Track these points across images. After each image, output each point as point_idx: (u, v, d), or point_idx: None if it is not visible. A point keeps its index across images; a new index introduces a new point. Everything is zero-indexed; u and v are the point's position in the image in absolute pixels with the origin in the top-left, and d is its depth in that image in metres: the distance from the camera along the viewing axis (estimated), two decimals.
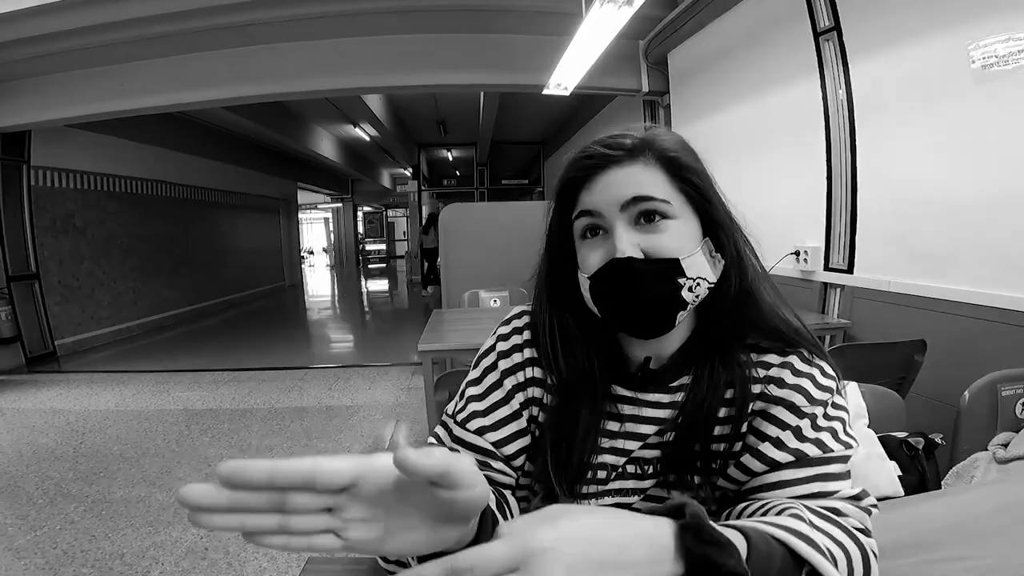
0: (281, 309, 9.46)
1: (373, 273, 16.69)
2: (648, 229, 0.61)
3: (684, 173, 0.63)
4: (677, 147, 0.64)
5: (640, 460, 0.68)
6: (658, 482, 0.68)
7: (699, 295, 0.62)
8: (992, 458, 1.19)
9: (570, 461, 0.66)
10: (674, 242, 0.60)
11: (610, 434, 0.68)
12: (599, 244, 0.63)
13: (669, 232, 0.61)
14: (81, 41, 3.65)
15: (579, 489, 0.67)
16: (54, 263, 5.52)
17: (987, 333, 1.89)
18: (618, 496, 0.68)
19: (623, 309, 0.62)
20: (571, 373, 0.68)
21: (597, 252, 0.62)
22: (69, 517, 2.35)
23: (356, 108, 7.24)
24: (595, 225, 0.63)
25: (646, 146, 0.63)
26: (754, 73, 3.10)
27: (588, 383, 0.68)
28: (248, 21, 3.68)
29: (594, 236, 0.64)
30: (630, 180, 0.61)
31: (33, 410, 3.84)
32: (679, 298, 0.61)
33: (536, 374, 0.71)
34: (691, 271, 0.61)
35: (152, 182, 7.05)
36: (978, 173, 1.90)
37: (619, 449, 0.68)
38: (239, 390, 4.18)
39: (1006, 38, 1.73)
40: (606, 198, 0.61)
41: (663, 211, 0.61)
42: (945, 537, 0.68)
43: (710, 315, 0.67)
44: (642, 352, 0.68)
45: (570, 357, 0.68)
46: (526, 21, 3.94)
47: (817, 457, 0.59)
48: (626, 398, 0.69)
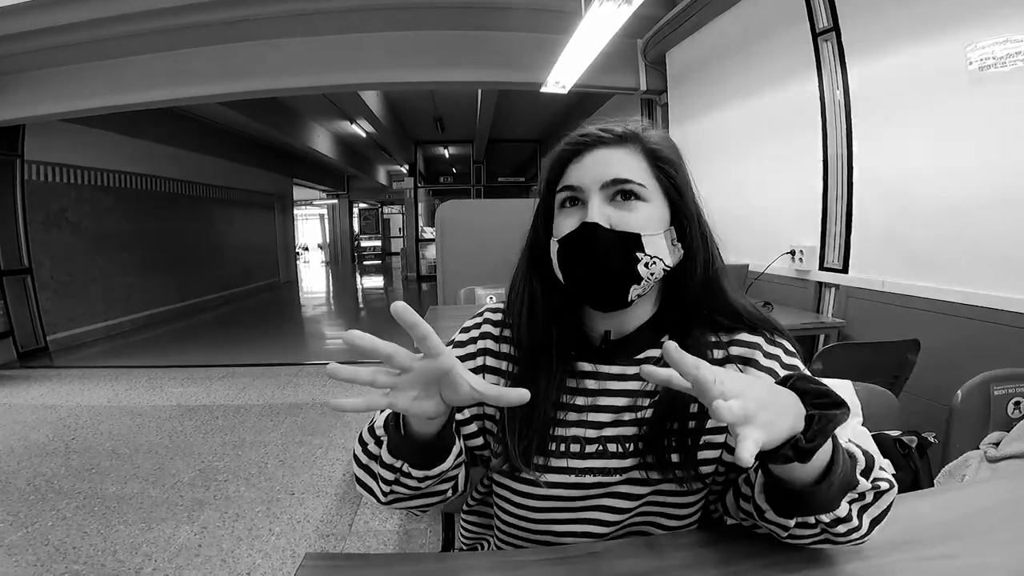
0: (276, 305, 9.43)
1: (369, 270, 16.66)
2: (620, 206, 0.67)
3: (663, 164, 0.69)
4: (662, 142, 0.71)
5: (620, 439, 0.70)
6: (638, 463, 0.70)
7: (654, 273, 0.67)
8: (983, 457, 1.19)
9: (526, 431, 0.70)
10: (639, 221, 0.66)
11: (578, 408, 0.72)
12: (574, 213, 0.69)
13: (638, 212, 0.67)
14: (76, 36, 3.63)
15: (546, 462, 0.71)
16: (47, 258, 5.48)
17: (980, 333, 1.90)
18: (600, 475, 0.70)
19: (583, 274, 0.67)
20: (532, 341, 0.73)
21: (571, 219, 0.68)
22: (61, 513, 2.33)
23: (353, 104, 7.21)
24: (574, 198, 0.69)
25: (635, 136, 0.70)
26: (752, 72, 3.11)
27: (545, 353, 0.72)
28: (244, 16, 3.66)
29: (572, 207, 0.70)
30: (614, 161, 0.68)
31: (24, 406, 3.82)
32: (635, 272, 0.66)
33: (488, 362, 0.76)
34: (649, 248, 0.66)
35: (146, 177, 7.01)
36: (973, 174, 1.91)
37: (589, 422, 0.71)
38: (233, 386, 4.17)
39: (1004, 40, 1.74)
40: (590, 175, 0.68)
41: (637, 193, 0.67)
42: (938, 535, 0.68)
43: (674, 298, 0.73)
44: (604, 327, 0.73)
45: (533, 323, 0.74)
46: (525, 19, 3.93)
47: None
48: (588, 372, 0.73)
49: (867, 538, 0.59)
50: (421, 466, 0.63)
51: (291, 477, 2.67)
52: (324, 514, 2.33)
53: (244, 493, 2.51)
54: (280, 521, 2.27)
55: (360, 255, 19.47)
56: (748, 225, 3.04)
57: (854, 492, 0.56)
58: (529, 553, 0.69)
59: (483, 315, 0.81)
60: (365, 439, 0.69)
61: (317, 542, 2.13)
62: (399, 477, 0.65)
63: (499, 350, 0.77)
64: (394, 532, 2.20)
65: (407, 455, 0.63)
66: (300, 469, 2.75)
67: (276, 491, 2.53)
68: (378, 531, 2.21)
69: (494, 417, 0.75)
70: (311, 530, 2.21)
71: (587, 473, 0.70)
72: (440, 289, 3.98)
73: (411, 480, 0.64)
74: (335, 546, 2.11)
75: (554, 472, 0.71)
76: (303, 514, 2.33)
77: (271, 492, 2.52)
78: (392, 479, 0.65)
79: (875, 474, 0.57)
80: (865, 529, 0.58)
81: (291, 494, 2.50)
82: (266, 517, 2.30)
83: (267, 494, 2.50)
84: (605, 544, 0.70)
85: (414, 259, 12.11)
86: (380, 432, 0.66)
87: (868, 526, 0.58)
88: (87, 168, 5.97)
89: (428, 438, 0.61)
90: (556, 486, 0.71)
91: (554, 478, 0.71)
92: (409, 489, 0.66)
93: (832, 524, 0.56)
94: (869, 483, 0.57)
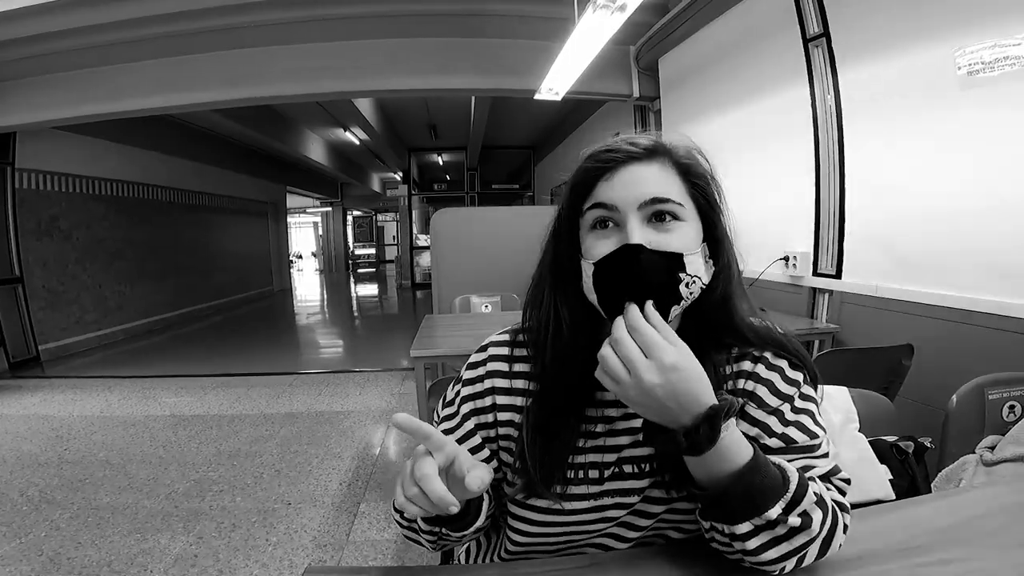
0: (270, 314, 9.38)
1: (363, 278, 16.62)
2: (659, 228, 0.65)
3: (696, 180, 0.68)
4: (691, 156, 0.69)
5: (636, 460, 0.70)
6: (655, 481, 0.70)
7: (693, 293, 0.66)
8: (979, 461, 1.20)
9: (545, 459, 0.69)
10: (680, 241, 0.64)
11: (595, 435, 0.71)
12: (609, 235, 0.65)
13: (677, 232, 0.65)
14: (70, 43, 3.62)
15: (565, 490, 0.70)
16: (39, 267, 5.44)
17: (974, 338, 1.91)
18: (617, 496, 0.70)
19: (624, 296, 0.64)
20: (555, 364, 0.71)
21: (605, 242, 0.65)
22: (55, 524, 2.31)
23: (347, 112, 7.22)
24: (606, 218, 0.66)
25: (664, 150, 0.67)
26: (744, 78, 3.13)
27: (566, 379, 0.70)
28: (238, 24, 3.66)
29: (604, 228, 0.66)
30: (649, 179, 0.65)
31: (16, 416, 3.78)
32: (677, 291, 0.64)
33: (499, 400, 0.75)
34: (690, 268, 0.64)
35: (139, 185, 6.98)
36: (965, 179, 1.92)
37: (608, 447, 0.71)
38: (228, 396, 4.15)
39: (992, 44, 1.76)
40: (626, 195, 0.64)
41: (676, 213, 0.65)
42: (936, 540, 0.68)
43: (690, 316, 0.71)
44: None
45: (558, 345, 0.71)
46: (518, 26, 3.95)
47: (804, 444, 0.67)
48: (611, 401, 0.71)
49: (776, 567, 0.60)
50: (459, 529, 0.66)
51: (287, 487, 2.65)
52: (321, 524, 2.32)
53: (240, 503, 2.49)
54: (277, 531, 2.26)
55: (354, 263, 19.43)
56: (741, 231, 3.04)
57: (760, 518, 0.57)
58: (530, 565, 0.69)
59: (487, 351, 0.78)
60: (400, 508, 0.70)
61: (315, 552, 2.12)
62: (439, 539, 0.69)
63: (511, 386, 0.75)
64: (392, 542, 2.19)
65: (442, 522, 0.66)
66: (296, 479, 2.73)
67: (272, 501, 2.51)
68: (376, 541, 2.20)
69: (510, 449, 0.74)
70: (308, 540, 2.20)
71: (605, 495, 0.70)
72: (435, 297, 3.98)
73: (451, 538, 0.68)
74: (333, 556, 2.10)
75: (574, 499, 0.70)
76: (300, 524, 2.32)
77: (267, 502, 2.50)
78: (434, 540, 0.70)
79: (797, 511, 0.57)
80: (769, 557, 0.59)
81: (288, 504, 2.48)
82: (263, 527, 2.29)
83: (263, 504, 2.48)
84: (610, 554, 0.71)
85: (408, 267, 12.09)
86: None
87: (776, 557, 0.59)
88: (79, 176, 5.95)
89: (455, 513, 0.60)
90: (575, 512, 0.70)
91: (573, 505, 0.70)
92: (454, 541, 0.70)
93: (732, 538, 0.59)
94: (786, 516, 0.57)
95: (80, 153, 5.88)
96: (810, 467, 0.65)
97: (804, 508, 0.58)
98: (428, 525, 0.67)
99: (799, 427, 0.67)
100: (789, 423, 0.67)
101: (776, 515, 0.57)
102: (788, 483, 0.58)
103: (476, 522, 0.67)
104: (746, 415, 0.68)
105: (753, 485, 0.57)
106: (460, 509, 0.58)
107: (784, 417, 0.67)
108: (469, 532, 0.67)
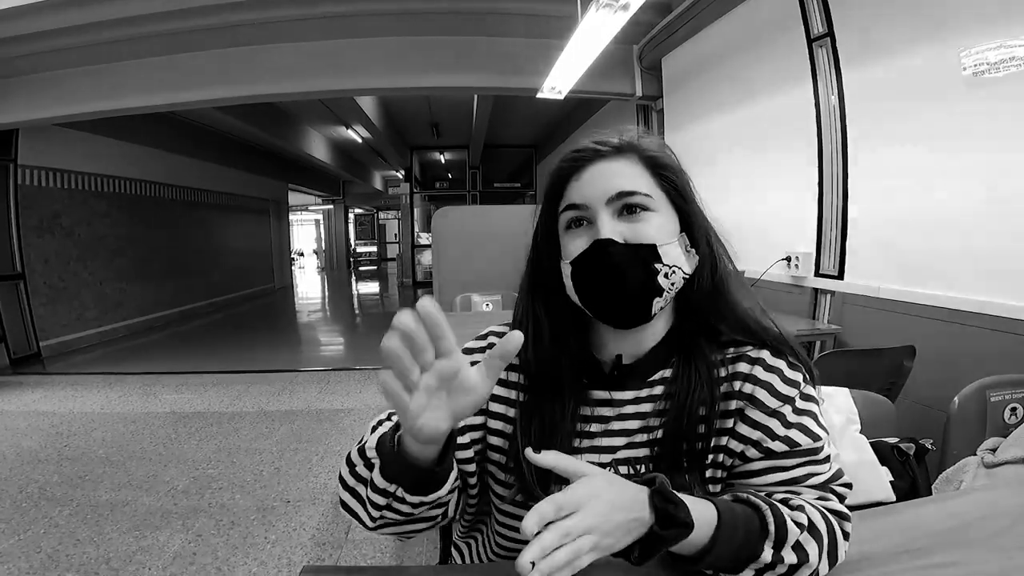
0: (271, 311, 9.40)
1: (364, 275, 16.64)
2: (630, 219, 0.65)
3: (664, 171, 0.68)
4: (658, 148, 0.70)
5: (631, 461, 0.70)
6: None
7: (674, 283, 0.66)
8: (981, 463, 1.20)
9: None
10: (652, 231, 0.65)
11: (590, 435, 0.71)
12: (583, 233, 0.67)
13: (648, 222, 0.65)
14: (72, 40, 3.62)
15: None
16: (40, 263, 5.45)
17: (976, 339, 1.90)
18: None
19: (603, 292, 0.65)
20: (539, 367, 0.71)
21: (580, 239, 0.66)
22: (54, 521, 2.31)
23: (349, 109, 7.22)
24: (580, 217, 0.67)
25: (631, 147, 0.69)
26: (747, 79, 3.12)
27: (556, 381, 0.70)
28: (241, 21, 3.66)
29: (578, 227, 0.68)
30: (615, 173, 0.66)
31: (16, 412, 3.79)
32: (656, 284, 0.64)
33: (496, 391, 0.73)
34: (667, 258, 0.65)
35: (141, 182, 6.99)
36: (969, 180, 1.92)
37: (602, 447, 0.70)
38: (228, 393, 4.15)
39: (997, 45, 1.75)
40: (593, 191, 0.66)
41: (645, 204, 0.66)
42: (936, 542, 0.68)
43: (683, 312, 0.71)
44: (617, 349, 0.71)
45: (540, 349, 0.71)
46: (521, 25, 3.95)
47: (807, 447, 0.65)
48: (603, 400, 0.71)
49: None
50: (416, 491, 0.60)
51: (286, 485, 2.65)
52: (320, 522, 2.32)
53: (239, 501, 2.49)
54: (276, 529, 2.26)
55: (356, 261, 19.45)
56: (743, 231, 3.05)
57: (758, 563, 0.57)
58: None
59: (487, 338, 0.78)
60: (354, 460, 0.65)
61: (313, 550, 2.12)
62: (391, 502, 0.61)
63: (506, 378, 0.74)
64: (390, 540, 2.18)
65: (402, 479, 0.59)
66: (295, 477, 2.73)
67: (271, 499, 2.51)
68: (374, 539, 2.19)
69: (502, 447, 0.73)
70: (307, 538, 2.20)
71: None
72: (436, 295, 3.98)
73: (404, 505, 0.61)
74: (331, 554, 2.10)
75: None
76: (299, 522, 2.31)
77: (266, 500, 2.50)
78: (384, 504, 0.61)
79: (787, 547, 0.57)
80: None
81: (286, 502, 2.48)
82: (261, 525, 2.29)
83: (262, 502, 2.48)
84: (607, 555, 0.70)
85: (410, 265, 12.10)
86: (372, 455, 0.62)
87: None
88: (81, 173, 5.95)
89: (427, 463, 0.57)
90: None
91: None
92: (401, 515, 0.63)
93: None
94: (780, 555, 0.57)
95: (82, 150, 5.88)
96: (812, 474, 0.64)
97: (797, 541, 0.57)
98: (384, 481, 0.59)
99: (801, 429, 0.65)
100: (791, 425, 0.65)
101: (770, 556, 0.56)
102: (764, 516, 0.58)
103: (438, 489, 0.61)
104: (746, 419, 0.67)
105: (736, 533, 0.56)
106: (431, 466, 0.57)
107: (786, 419, 0.66)
108: (428, 499, 0.61)
